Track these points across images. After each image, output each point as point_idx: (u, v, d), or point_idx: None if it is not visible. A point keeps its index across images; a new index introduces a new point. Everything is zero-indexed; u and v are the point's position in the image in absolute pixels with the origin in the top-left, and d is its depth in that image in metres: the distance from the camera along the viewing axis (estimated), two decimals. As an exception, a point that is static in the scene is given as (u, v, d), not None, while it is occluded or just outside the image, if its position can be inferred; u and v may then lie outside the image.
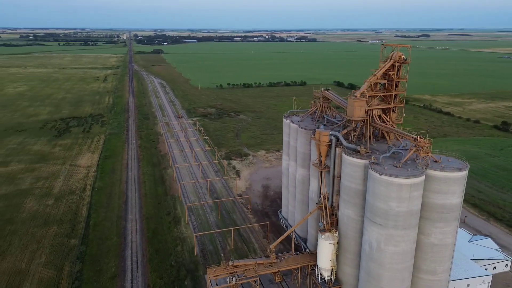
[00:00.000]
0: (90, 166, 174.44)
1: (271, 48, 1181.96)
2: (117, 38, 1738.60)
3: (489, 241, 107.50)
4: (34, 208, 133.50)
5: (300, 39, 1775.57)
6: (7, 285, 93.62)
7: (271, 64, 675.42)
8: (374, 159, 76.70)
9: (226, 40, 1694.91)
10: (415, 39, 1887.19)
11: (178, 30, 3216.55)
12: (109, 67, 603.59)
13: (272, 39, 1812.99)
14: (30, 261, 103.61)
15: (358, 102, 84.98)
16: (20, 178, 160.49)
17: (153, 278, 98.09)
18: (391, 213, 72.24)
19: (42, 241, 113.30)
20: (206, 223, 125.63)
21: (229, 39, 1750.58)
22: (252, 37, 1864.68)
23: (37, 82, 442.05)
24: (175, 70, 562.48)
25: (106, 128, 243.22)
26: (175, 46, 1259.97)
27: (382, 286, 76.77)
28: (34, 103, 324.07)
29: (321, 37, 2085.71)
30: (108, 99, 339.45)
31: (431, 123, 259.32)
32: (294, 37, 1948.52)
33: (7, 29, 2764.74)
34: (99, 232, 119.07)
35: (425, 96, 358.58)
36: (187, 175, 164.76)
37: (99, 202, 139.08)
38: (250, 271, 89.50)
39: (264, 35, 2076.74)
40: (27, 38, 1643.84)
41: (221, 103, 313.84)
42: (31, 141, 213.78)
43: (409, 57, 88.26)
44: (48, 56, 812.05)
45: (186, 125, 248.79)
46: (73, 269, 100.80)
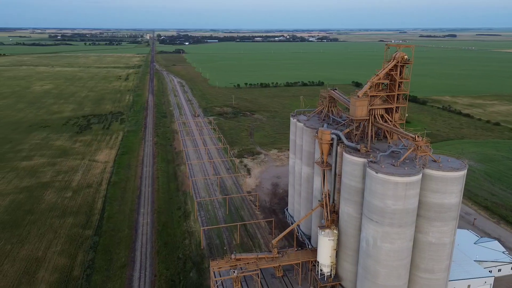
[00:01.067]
0: (108, 162, 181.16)
1: (292, 48, 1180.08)
2: (141, 38, 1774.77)
3: (495, 243, 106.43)
4: (53, 200, 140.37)
5: (322, 39, 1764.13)
6: (24, 271, 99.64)
7: (290, 64, 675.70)
8: (372, 158, 78.03)
9: (247, 40, 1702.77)
10: (441, 39, 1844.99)
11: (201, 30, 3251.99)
12: (131, 66, 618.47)
13: (293, 39, 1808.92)
14: (46, 249, 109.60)
15: (360, 102, 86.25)
16: (41, 171, 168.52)
17: (160, 269, 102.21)
18: (387, 211, 73.48)
19: (58, 231, 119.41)
20: (215, 218, 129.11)
21: (250, 39, 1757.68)
22: (273, 37, 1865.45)
23: (62, 80, 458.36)
24: (194, 69, 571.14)
25: (125, 125, 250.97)
26: (196, 46, 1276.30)
27: (379, 282, 78.07)
28: (58, 100, 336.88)
29: (343, 37, 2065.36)
30: (128, 98, 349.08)
31: (448, 125, 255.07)
32: (315, 37, 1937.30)
33: (37, 29, 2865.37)
34: (112, 224, 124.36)
35: (445, 97, 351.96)
36: (199, 171, 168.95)
37: (114, 196, 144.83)
38: (251, 264, 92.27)
39: (285, 35, 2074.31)
40: (56, 38, 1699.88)
41: (237, 103, 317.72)
42: (54, 137, 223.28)
43: (412, 58, 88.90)
44: (74, 55, 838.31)
45: (202, 124, 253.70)
46: (86, 257, 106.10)
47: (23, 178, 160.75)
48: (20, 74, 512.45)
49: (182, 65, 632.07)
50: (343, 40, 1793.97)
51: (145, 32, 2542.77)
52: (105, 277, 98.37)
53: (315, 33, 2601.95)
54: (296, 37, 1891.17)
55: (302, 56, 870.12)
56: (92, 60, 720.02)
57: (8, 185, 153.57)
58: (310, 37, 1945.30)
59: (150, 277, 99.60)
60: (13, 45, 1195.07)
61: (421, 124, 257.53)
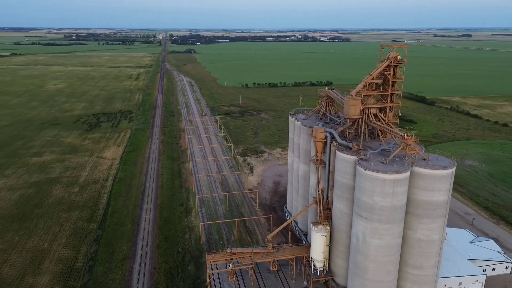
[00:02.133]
0: (114, 159, 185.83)
1: (303, 48, 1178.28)
2: (153, 38, 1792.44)
3: (491, 243, 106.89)
4: (61, 195, 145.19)
5: (333, 39, 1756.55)
6: (30, 261, 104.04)
7: (300, 64, 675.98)
8: (363, 155, 79.81)
9: (258, 40, 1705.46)
10: (455, 39, 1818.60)
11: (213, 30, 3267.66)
12: (142, 66, 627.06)
13: (304, 39, 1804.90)
14: (52, 241, 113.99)
15: (353, 101, 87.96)
16: (51, 167, 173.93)
17: (159, 262, 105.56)
18: (376, 207, 75.25)
19: (64, 224, 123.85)
20: (215, 215, 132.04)
21: (262, 39, 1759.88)
22: (285, 37, 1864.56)
23: (75, 79, 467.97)
24: (204, 69, 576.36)
25: (133, 123, 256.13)
26: (207, 46, 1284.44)
27: (368, 278, 79.87)
28: (70, 99, 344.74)
29: (355, 37, 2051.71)
30: (138, 97, 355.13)
31: (456, 125, 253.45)
32: (327, 37, 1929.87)
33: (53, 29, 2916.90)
34: (115, 219, 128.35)
35: (454, 98, 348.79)
36: (203, 169, 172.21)
37: (119, 192, 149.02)
38: (246, 258, 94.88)
39: (297, 35, 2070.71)
40: (70, 38, 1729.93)
41: (245, 102, 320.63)
42: (64, 134, 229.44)
43: (405, 58, 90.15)
44: (88, 55, 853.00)
45: (209, 123, 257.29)
46: (89, 250, 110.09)
47: (33, 173, 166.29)
48: (34, 73, 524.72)
49: (192, 65, 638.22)
50: (355, 40, 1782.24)
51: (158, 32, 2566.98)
52: (106, 269, 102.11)
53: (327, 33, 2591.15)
54: (308, 37, 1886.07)
55: (312, 56, 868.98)
56: (105, 60, 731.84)
57: (19, 180, 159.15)
58: (322, 37, 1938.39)
59: (149, 269, 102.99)
60: (29, 45, 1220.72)
61: (428, 125, 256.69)
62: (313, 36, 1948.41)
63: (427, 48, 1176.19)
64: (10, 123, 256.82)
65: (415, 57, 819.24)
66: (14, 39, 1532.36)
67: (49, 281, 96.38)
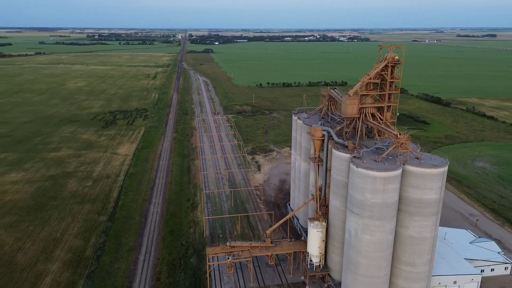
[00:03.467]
0: (127, 155, 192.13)
1: (320, 48, 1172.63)
2: (173, 38, 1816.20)
3: (492, 244, 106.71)
4: (75, 188, 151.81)
5: (352, 39, 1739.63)
6: (42, 250, 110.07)
7: (316, 64, 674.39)
8: (357, 154, 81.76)
9: (276, 40, 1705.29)
10: (479, 39, 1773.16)
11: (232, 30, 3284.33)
12: (160, 65, 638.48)
13: (323, 39, 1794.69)
14: (64, 232, 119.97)
15: (350, 100, 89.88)
16: (67, 162, 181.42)
17: (163, 254, 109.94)
18: (367, 204, 77.14)
19: (76, 216, 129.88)
20: (220, 210, 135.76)
21: (280, 38, 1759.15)
22: (303, 37, 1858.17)
23: (95, 78, 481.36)
24: (220, 69, 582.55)
25: (148, 121, 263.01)
26: (225, 45, 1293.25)
27: (360, 273, 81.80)
28: (89, 97, 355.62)
29: (375, 37, 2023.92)
30: (154, 95, 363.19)
31: (470, 127, 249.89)
32: (346, 37, 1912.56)
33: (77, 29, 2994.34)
34: (125, 212, 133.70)
35: (471, 99, 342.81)
36: (212, 166, 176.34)
37: (129, 186, 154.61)
38: (245, 252, 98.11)
39: (315, 35, 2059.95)
40: (93, 37, 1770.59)
41: (257, 101, 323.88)
42: (81, 131, 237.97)
43: (403, 59, 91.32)
44: (109, 54, 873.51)
45: (221, 121, 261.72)
46: (98, 240, 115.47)
47: (50, 167, 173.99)
48: (56, 72, 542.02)
49: (209, 65, 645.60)
50: (374, 40, 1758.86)
51: (178, 32, 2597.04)
52: (113, 258, 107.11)
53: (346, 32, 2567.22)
54: (327, 37, 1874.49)
55: (329, 56, 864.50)
56: (125, 59, 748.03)
57: (36, 173, 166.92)
58: (341, 36, 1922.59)
59: (153, 260, 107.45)
60: (53, 44, 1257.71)
61: (441, 126, 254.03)
62: (331, 36, 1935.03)
63: (448, 48, 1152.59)
64: (32, 120, 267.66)
65: (435, 58, 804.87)
66: (39, 38, 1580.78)
67: (59, 268, 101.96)
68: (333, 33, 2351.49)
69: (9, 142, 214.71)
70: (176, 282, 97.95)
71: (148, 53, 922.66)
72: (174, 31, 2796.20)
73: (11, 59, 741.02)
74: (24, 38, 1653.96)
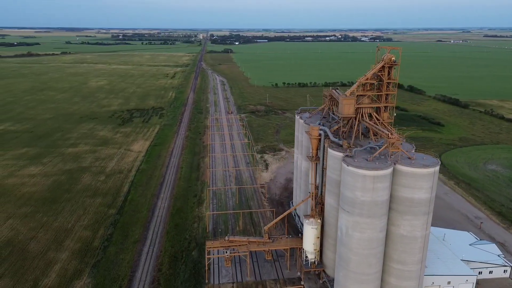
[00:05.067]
0: (140, 151, 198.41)
1: (341, 48, 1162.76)
2: (194, 38, 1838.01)
3: (492, 246, 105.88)
4: (88, 182, 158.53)
5: (374, 39, 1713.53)
6: (54, 239, 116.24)
7: (334, 64, 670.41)
8: (349, 153, 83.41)
9: (297, 40, 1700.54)
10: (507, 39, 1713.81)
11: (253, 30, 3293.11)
12: (180, 65, 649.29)
13: (344, 39, 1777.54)
14: (75, 223, 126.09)
15: (347, 100, 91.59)
16: (83, 157, 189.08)
17: (166, 246, 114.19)
18: (357, 202, 78.78)
19: (88, 209, 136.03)
20: (225, 206, 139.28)
21: (300, 38, 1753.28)
22: (324, 37, 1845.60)
23: (116, 77, 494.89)
24: (238, 69, 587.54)
25: (163, 119, 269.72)
26: (245, 45, 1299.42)
27: (350, 269, 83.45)
28: (109, 95, 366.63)
29: (398, 37, 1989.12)
30: (171, 94, 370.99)
31: (487, 129, 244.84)
32: (368, 37, 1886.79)
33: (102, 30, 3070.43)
34: (133, 206, 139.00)
35: (491, 101, 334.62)
36: (221, 164, 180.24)
37: (139, 181, 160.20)
38: (243, 247, 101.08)
39: (337, 35, 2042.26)
40: (117, 37, 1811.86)
41: (271, 101, 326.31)
42: (99, 128, 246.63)
43: (399, 60, 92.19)
44: (131, 54, 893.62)
45: (233, 120, 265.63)
46: (106, 232, 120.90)
47: (67, 162, 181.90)
48: (80, 71, 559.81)
49: (227, 65, 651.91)
50: (397, 40, 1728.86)
51: (200, 32, 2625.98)
52: (118, 249, 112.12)
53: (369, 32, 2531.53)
54: (348, 37, 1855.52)
55: (349, 56, 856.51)
56: (146, 59, 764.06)
57: (54, 167, 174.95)
58: (363, 36, 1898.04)
59: (156, 252, 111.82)
60: (78, 44, 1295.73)
61: (456, 128, 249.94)
62: (353, 36, 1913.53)
63: (473, 48, 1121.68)
64: (53, 116, 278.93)
65: (458, 58, 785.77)
66: (66, 38, 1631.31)
67: (67, 257, 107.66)
68: (355, 33, 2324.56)
69: (31, 137, 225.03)
70: (177, 274, 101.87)
71: (169, 52, 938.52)
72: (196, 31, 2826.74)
73: (39, 58, 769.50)
74: (51, 38, 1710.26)
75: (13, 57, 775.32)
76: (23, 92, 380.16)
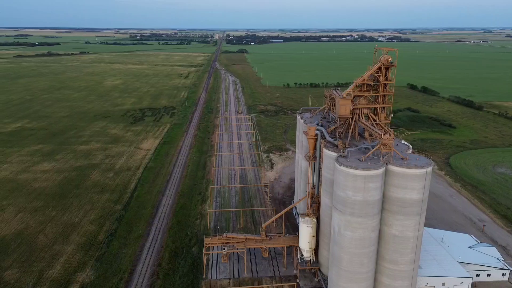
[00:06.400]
0: (149, 150, 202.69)
1: (356, 48, 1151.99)
2: (210, 38, 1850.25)
3: (492, 249, 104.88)
4: (97, 179, 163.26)
5: (392, 39, 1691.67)
6: (61, 233, 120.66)
7: (349, 64, 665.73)
8: (343, 152, 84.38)
9: (313, 40, 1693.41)
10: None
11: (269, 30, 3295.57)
12: (194, 65, 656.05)
13: (361, 39, 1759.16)
14: (82, 218, 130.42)
15: (343, 101, 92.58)
16: (94, 154, 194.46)
17: (167, 242, 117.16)
18: (348, 201, 79.73)
19: (95, 204, 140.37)
20: (228, 204, 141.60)
21: (316, 39, 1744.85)
22: (341, 37, 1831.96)
23: (130, 76, 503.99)
24: (252, 69, 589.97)
25: (173, 118, 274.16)
26: (261, 46, 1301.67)
27: (342, 267, 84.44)
28: (123, 94, 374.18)
29: (417, 37, 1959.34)
30: (183, 94, 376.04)
31: (499, 132, 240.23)
32: (385, 37, 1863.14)
33: (121, 30, 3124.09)
34: (139, 202, 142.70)
35: (507, 103, 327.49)
36: (227, 162, 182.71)
37: (146, 179, 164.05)
38: (240, 244, 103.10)
39: (353, 35, 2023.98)
40: (135, 38, 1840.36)
41: (282, 101, 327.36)
42: (111, 126, 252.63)
43: (396, 61, 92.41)
44: (147, 54, 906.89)
45: (243, 120, 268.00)
46: (111, 227, 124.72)
47: (78, 159, 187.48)
48: (97, 70, 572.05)
49: (241, 65, 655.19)
50: (415, 40, 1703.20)
51: (216, 32, 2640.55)
52: (122, 244, 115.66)
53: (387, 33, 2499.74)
54: (365, 37, 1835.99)
55: (364, 56, 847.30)
56: (161, 59, 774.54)
57: (65, 164, 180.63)
58: (380, 37, 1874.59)
59: (158, 247, 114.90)
60: (97, 44, 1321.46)
61: (469, 130, 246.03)
62: (370, 36, 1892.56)
63: (494, 49, 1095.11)
64: (68, 115, 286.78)
65: (477, 59, 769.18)
66: (86, 38, 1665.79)
67: (73, 250, 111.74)
68: (372, 33, 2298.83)
69: (46, 134, 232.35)
70: (176, 268, 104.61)
71: (184, 52, 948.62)
72: (213, 31, 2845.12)
73: (58, 57, 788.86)
74: (72, 38, 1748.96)
75: (34, 56, 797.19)
76: (41, 90, 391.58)
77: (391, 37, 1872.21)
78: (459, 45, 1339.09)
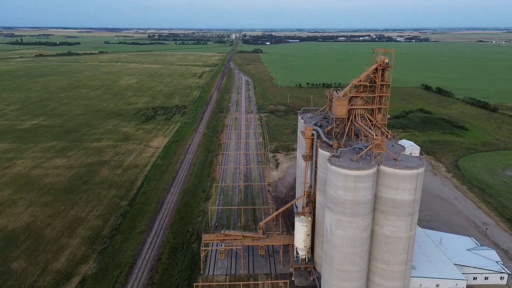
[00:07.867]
0: (158, 148, 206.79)
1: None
2: (227, 38, 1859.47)
3: (492, 252, 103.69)
4: (106, 175, 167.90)
5: (410, 39, 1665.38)
6: (68, 227, 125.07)
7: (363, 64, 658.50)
8: (335, 152, 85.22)
9: (329, 40, 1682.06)
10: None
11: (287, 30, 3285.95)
12: (209, 64, 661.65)
13: (379, 39, 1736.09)
14: (89, 213, 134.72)
15: (339, 102, 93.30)
16: (104, 151, 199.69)
17: (168, 238, 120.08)
18: (339, 200, 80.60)
19: (102, 200, 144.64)
20: (230, 202, 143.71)
21: (333, 39, 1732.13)
22: (358, 37, 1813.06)
23: (146, 76, 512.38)
24: (265, 69, 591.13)
25: (184, 117, 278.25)
26: (276, 45, 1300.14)
27: (334, 266, 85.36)
28: (137, 93, 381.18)
29: (437, 37, 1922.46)
30: (196, 93, 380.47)
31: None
32: (404, 37, 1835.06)
33: (140, 30, 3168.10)
34: (144, 199, 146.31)
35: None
36: (232, 161, 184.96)
37: (153, 176, 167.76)
38: (237, 241, 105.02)
39: (371, 35, 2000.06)
40: (153, 37, 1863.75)
41: (292, 102, 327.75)
42: (123, 124, 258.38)
43: (392, 62, 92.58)
44: (163, 53, 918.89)
45: (252, 120, 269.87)
46: (115, 222, 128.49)
47: (89, 156, 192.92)
48: (113, 69, 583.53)
49: (255, 64, 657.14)
50: (435, 40, 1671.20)
51: (233, 32, 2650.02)
52: (124, 238, 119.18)
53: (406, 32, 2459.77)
54: (383, 37, 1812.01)
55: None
56: (177, 58, 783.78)
57: (77, 160, 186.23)
58: (399, 36, 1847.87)
59: (159, 243, 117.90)
60: (116, 44, 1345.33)
61: (481, 132, 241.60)
62: (388, 36, 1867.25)
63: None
64: (83, 113, 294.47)
65: (498, 59, 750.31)
66: (105, 38, 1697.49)
67: (78, 243, 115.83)
68: (391, 33, 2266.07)
69: (60, 131, 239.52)
70: (175, 264, 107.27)
71: (200, 52, 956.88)
72: (230, 31, 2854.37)
73: (78, 57, 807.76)
74: (92, 38, 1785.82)
75: (55, 56, 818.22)
76: (59, 89, 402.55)
77: (410, 37, 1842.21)
78: (480, 45, 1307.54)
